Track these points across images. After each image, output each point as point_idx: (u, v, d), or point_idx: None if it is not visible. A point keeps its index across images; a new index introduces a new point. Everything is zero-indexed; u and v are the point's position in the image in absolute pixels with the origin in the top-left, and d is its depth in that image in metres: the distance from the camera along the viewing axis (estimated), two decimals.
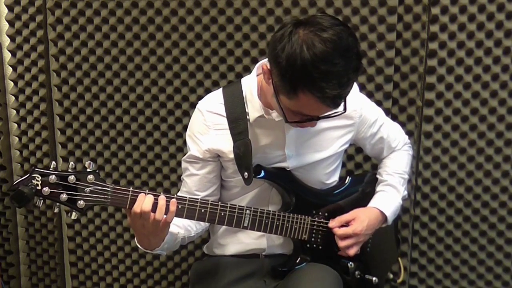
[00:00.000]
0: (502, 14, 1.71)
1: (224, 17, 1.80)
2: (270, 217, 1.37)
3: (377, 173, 1.59)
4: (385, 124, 1.53)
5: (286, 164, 1.41)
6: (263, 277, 1.47)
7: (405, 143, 1.61)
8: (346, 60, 1.12)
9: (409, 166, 1.61)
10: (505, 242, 1.91)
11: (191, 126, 1.43)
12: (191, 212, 1.29)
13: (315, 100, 1.14)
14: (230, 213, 1.33)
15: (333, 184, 1.52)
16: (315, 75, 1.10)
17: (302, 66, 1.10)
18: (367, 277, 1.52)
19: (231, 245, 1.50)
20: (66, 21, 1.88)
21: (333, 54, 1.10)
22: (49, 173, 1.17)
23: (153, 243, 1.29)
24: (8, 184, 2.07)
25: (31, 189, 1.14)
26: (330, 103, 1.15)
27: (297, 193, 1.42)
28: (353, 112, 1.43)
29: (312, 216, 1.43)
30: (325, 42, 1.10)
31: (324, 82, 1.10)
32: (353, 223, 1.40)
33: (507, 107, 1.79)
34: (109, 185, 1.22)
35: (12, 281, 2.16)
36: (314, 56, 1.09)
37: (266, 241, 1.47)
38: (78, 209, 1.20)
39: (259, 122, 1.37)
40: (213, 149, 1.39)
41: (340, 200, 1.51)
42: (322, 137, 1.42)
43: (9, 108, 2.05)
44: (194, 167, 1.43)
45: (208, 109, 1.39)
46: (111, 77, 1.91)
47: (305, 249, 1.44)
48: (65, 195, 1.18)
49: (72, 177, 1.18)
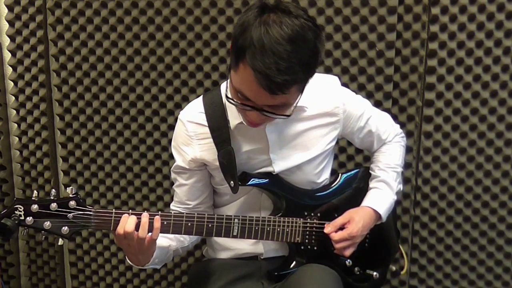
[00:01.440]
0: (502, 14, 1.71)
1: (224, 17, 1.80)
2: (260, 224, 1.35)
3: (369, 168, 1.56)
4: (373, 117, 1.49)
5: (272, 168, 1.39)
6: (261, 279, 1.46)
7: (396, 134, 1.56)
8: (296, 49, 1.08)
9: (402, 158, 1.57)
10: (505, 242, 1.91)
11: (175, 137, 1.42)
12: (177, 227, 1.29)
13: (249, 75, 1.09)
14: (217, 223, 1.32)
15: (324, 182, 1.50)
16: (256, 46, 1.07)
17: (249, 36, 1.08)
18: (368, 273, 1.51)
19: (226, 251, 1.49)
20: (66, 21, 1.88)
21: (284, 36, 1.07)
22: (31, 202, 1.20)
23: (142, 260, 1.31)
24: (9, 185, 2.07)
25: (14, 220, 1.17)
26: (262, 82, 1.08)
27: (286, 197, 1.40)
28: (335, 109, 1.40)
29: (304, 218, 1.41)
30: (283, 24, 1.08)
31: (261, 56, 1.07)
32: (348, 225, 1.38)
33: (507, 107, 1.79)
34: (91, 209, 1.23)
35: (12, 281, 2.16)
36: (265, 32, 1.07)
37: (263, 246, 1.46)
38: (63, 235, 1.22)
39: (240, 128, 1.34)
40: (198, 158, 1.38)
41: (333, 199, 1.48)
42: (306, 137, 1.40)
43: (9, 108, 2.05)
44: (182, 177, 1.43)
45: (189, 119, 1.38)
46: (111, 77, 1.91)
47: (300, 251, 1.43)
48: (48, 222, 1.20)
49: (54, 204, 1.20)
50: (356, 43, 1.78)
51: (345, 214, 1.42)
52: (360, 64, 1.80)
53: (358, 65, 1.80)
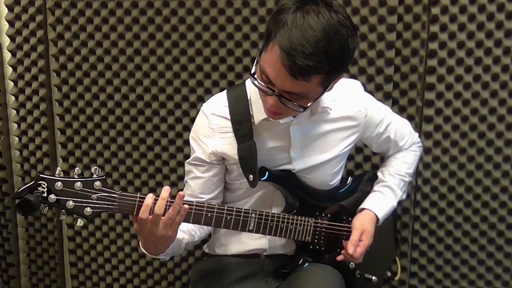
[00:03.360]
0: (502, 14, 1.72)
1: (224, 17, 1.80)
2: (275, 220, 1.37)
3: (378, 169, 1.59)
4: (392, 123, 1.52)
5: (292, 166, 1.41)
6: (265, 278, 1.47)
7: (413, 143, 1.59)
8: (326, 40, 1.09)
9: (414, 168, 1.59)
10: (505, 242, 1.91)
11: (195, 128, 1.42)
12: (198, 216, 1.28)
13: (276, 55, 1.10)
14: (236, 217, 1.32)
15: (336, 184, 1.52)
16: (288, 27, 1.08)
17: (285, 18, 1.10)
18: (367, 276, 1.53)
19: (232, 244, 1.50)
20: (66, 21, 1.88)
21: (318, 27, 1.08)
22: (55, 179, 1.14)
23: (159, 249, 1.28)
24: (9, 185, 2.07)
25: (37, 197, 1.11)
26: (286, 62, 1.09)
27: (300, 195, 1.42)
28: (357, 113, 1.42)
29: (315, 218, 1.43)
30: (320, 14, 1.09)
31: (291, 38, 1.08)
32: (364, 238, 1.41)
33: (507, 107, 1.80)
34: (116, 191, 1.19)
35: (12, 281, 2.16)
36: (301, 16, 1.09)
37: (268, 242, 1.47)
38: (85, 216, 1.16)
39: (264, 124, 1.36)
40: (218, 152, 1.38)
41: (343, 200, 1.51)
42: (327, 138, 1.42)
43: (9, 108, 2.05)
44: (198, 170, 1.42)
45: (212, 112, 1.38)
46: (111, 77, 1.91)
47: (307, 250, 1.44)
48: (71, 202, 1.15)
49: (78, 183, 1.15)
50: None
51: (356, 225, 1.43)
52: (360, 64, 1.80)
53: (358, 65, 1.80)
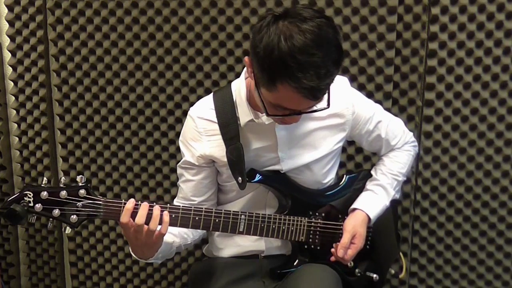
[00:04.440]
0: (502, 14, 1.72)
1: (224, 17, 1.80)
2: (266, 221, 1.36)
3: (371, 169, 1.57)
4: (383, 122, 1.49)
5: (280, 166, 1.41)
6: (262, 278, 1.47)
7: (406, 142, 1.56)
8: (325, 52, 1.10)
9: (408, 168, 1.57)
10: (505, 242, 1.91)
11: (183, 132, 1.43)
12: (185, 220, 1.29)
13: (293, 92, 1.11)
14: (225, 219, 1.32)
15: (330, 182, 1.51)
16: (292, 65, 1.08)
17: (279, 56, 1.09)
18: (368, 275, 1.52)
19: (229, 248, 1.50)
20: (66, 21, 1.88)
21: (311, 45, 1.08)
22: (41, 189, 1.18)
23: (147, 253, 1.30)
24: (9, 185, 2.07)
25: (23, 206, 1.16)
26: (308, 94, 1.12)
27: (292, 195, 1.41)
28: (344, 110, 1.41)
29: (309, 218, 1.43)
30: (304, 33, 1.09)
31: (301, 73, 1.08)
32: (356, 241, 1.40)
33: (507, 107, 1.80)
34: (100, 198, 1.22)
35: (12, 281, 2.16)
36: (292, 46, 1.08)
37: (264, 243, 1.47)
38: (71, 224, 1.21)
39: (250, 126, 1.36)
40: (206, 155, 1.38)
41: (337, 199, 1.50)
42: (314, 137, 1.41)
43: (9, 108, 2.05)
44: (189, 173, 1.43)
45: (199, 116, 1.39)
46: (111, 77, 1.91)
47: (303, 250, 1.44)
48: (57, 210, 1.19)
49: (63, 192, 1.19)
50: (356, 43, 1.78)
51: (348, 227, 1.41)
52: (360, 64, 1.80)
53: (358, 65, 1.80)
